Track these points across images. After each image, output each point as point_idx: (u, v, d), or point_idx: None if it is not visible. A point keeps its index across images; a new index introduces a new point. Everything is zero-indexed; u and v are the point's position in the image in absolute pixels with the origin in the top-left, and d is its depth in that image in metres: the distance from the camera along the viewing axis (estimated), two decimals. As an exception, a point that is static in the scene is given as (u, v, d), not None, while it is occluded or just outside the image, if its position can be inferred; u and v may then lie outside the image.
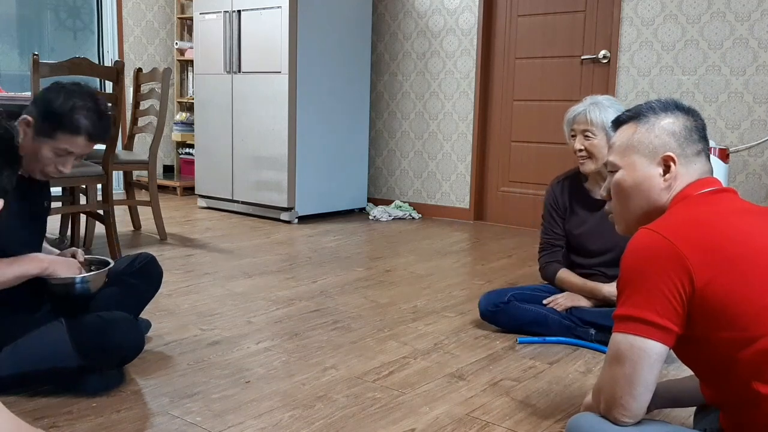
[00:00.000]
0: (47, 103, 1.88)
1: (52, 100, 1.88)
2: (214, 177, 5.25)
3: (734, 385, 1.28)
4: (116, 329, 1.91)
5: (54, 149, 1.90)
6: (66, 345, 1.85)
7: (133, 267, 2.26)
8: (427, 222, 5.13)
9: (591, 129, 2.46)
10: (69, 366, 1.87)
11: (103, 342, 1.88)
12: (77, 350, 1.85)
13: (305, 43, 4.74)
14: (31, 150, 1.90)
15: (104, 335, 1.89)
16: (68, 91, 1.92)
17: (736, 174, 4.04)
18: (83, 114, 1.91)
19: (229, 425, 1.80)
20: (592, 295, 2.54)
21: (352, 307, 2.91)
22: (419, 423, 1.85)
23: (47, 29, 5.92)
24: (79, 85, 1.97)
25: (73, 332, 1.86)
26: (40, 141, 1.89)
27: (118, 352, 1.94)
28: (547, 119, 4.74)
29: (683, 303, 1.26)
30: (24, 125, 1.88)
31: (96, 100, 1.96)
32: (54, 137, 1.89)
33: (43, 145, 1.89)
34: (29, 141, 1.88)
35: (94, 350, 1.87)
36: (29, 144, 1.88)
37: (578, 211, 2.63)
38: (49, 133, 1.89)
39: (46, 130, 1.88)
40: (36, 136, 1.89)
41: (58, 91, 1.92)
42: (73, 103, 1.89)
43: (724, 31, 4.03)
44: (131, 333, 1.96)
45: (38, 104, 1.90)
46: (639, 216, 1.46)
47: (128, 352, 1.98)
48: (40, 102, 1.90)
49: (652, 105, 1.48)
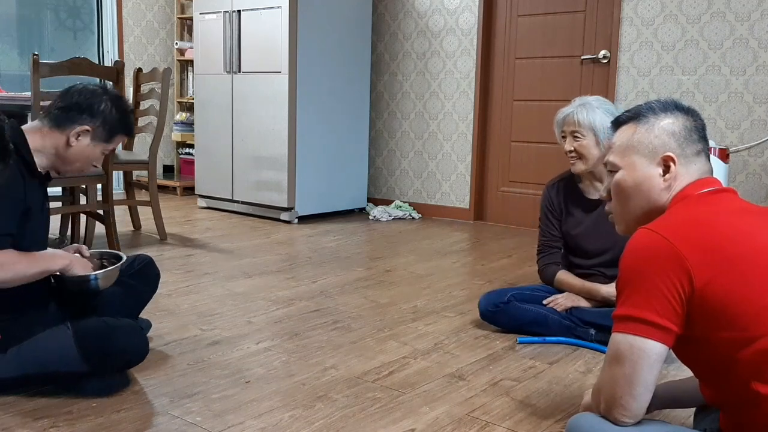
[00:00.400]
0: (102, 113, 2.03)
1: (105, 109, 2.04)
2: (214, 177, 5.25)
3: (734, 385, 1.28)
4: (121, 335, 1.93)
5: (104, 150, 2.08)
6: (71, 349, 1.87)
7: (133, 268, 2.31)
8: (427, 222, 5.13)
9: (579, 130, 2.47)
10: (73, 370, 1.89)
11: (108, 347, 1.90)
12: (81, 355, 1.87)
13: (305, 43, 4.74)
14: (84, 154, 2.03)
15: (109, 340, 1.91)
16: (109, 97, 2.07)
17: (736, 174, 4.04)
18: (129, 117, 2.12)
19: (229, 425, 1.80)
20: (591, 296, 2.54)
21: (352, 307, 2.91)
22: (419, 423, 1.85)
23: (47, 29, 5.92)
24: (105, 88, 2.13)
25: (78, 337, 1.88)
26: (96, 144, 2.05)
27: (122, 357, 1.96)
28: (547, 119, 4.74)
29: (683, 303, 1.26)
30: (78, 134, 1.99)
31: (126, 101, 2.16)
32: (110, 140, 2.07)
33: (99, 147, 2.06)
34: (83, 146, 2.01)
35: (98, 355, 1.89)
36: (83, 148, 2.02)
37: (574, 212, 2.64)
38: (107, 137, 2.06)
39: (104, 134, 2.04)
40: (93, 141, 2.03)
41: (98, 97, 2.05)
42: (121, 107, 2.08)
43: (724, 31, 4.03)
44: (135, 339, 1.97)
45: (92, 113, 2.02)
46: (639, 216, 1.46)
47: (132, 358, 2.00)
48: (92, 110, 2.03)
49: (652, 105, 1.48)
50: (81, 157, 2.03)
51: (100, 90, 2.07)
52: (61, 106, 2.01)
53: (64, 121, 1.99)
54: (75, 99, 2.03)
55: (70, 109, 2.01)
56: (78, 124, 1.99)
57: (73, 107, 2.01)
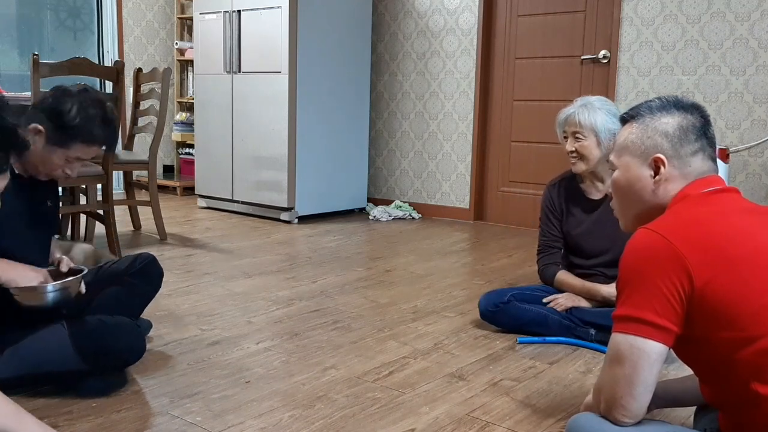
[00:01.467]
0: (59, 114, 1.88)
1: (64, 111, 1.89)
2: (214, 177, 5.25)
3: (734, 385, 1.28)
4: (118, 334, 1.92)
5: (66, 157, 1.92)
6: (67, 349, 1.86)
7: (134, 267, 2.26)
8: (427, 222, 5.13)
9: (581, 131, 2.47)
10: (70, 369, 1.88)
11: (105, 346, 1.89)
12: (79, 354, 1.86)
13: (305, 43, 4.74)
14: (41, 156, 1.91)
15: (106, 340, 1.89)
16: (80, 100, 1.92)
17: (736, 174, 4.04)
18: (97, 124, 1.93)
19: (229, 425, 1.80)
20: (591, 296, 2.54)
21: (352, 307, 2.91)
22: (419, 423, 1.85)
23: (47, 29, 5.92)
24: (86, 90, 1.98)
25: (75, 336, 1.87)
26: (51, 149, 1.90)
27: (119, 356, 1.95)
28: (547, 119, 4.74)
29: (683, 303, 1.26)
30: (34, 133, 1.89)
31: (104, 108, 1.98)
32: (68, 146, 1.91)
33: (55, 152, 1.91)
34: (39, 148, 1.89)
35: (95, 354, 1.88)
36: (39, 150, 1.90)
37: (575, 212, 2.63)
38: (62, 142, 1.90)
39: (59, 139, 1.89)
40: (47, 144, 1.90)
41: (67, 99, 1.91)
42: (86, 114, 1.90)
43: (724, 31, 4.03)
44: (133, 338, 1.96)
45: (48, 113, 1.89)
46: (636, 214, 1.46)
47: (129, 357, 1.98)
48: (51, 111, 1.90)
49: (650, 105, 1.47)
50: (35, 159, 1.89)
51: (77, 92, 1.94)
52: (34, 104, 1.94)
53: (27, 119, 1.88)
54: (47, 97, 1.92)
55: (36, 107, 1.92)
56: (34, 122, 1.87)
57: (38, 105, 1.92)
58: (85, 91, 1.97)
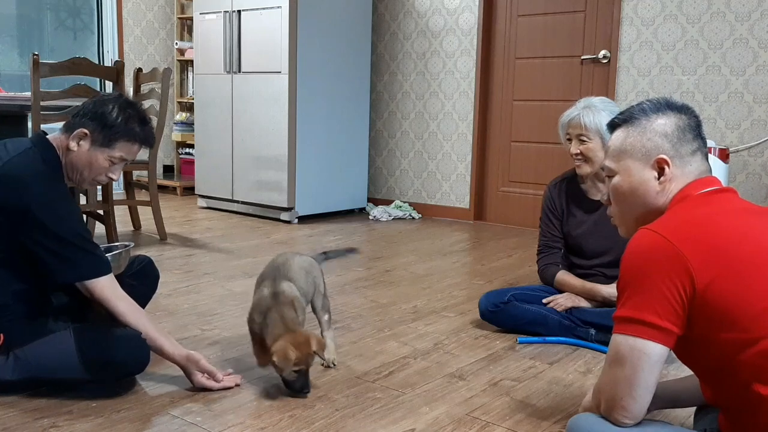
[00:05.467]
0: (102, 115, 1.98)
1: (106, 112, 1.99)
2: (214, 177, 5.25)
3: (735, 387, 1.27)
4: (123, 345, 1.92)
5: (110, 158, 2.00)
6: (72, 357, 1.87)
7: (133, 269, 2.33)
8: (427, 222, 5.13)
9: (585, 133, 2.46)
10: (73, 377, 1.90)
11: (109, 357, 1.90)
12: (83, 363, 1.88)
13: (305, 43, 4.74)
14: (86, 160, 1.98)
15: (110, 351, 1.90)
16: (118, 103, 2.02)
17: (736, 174, 4.04)
18: (137, 123, 2.03)
19: (229, 425, 1.80)
20: (591, 296, 2.54)
21: (352, 307, 2.91)
22: (419, 423, 1.85)
23: (47, 29, 5.92)
24: (121, 96, 2.09)
25: (80, 345, 1.89)
26: (97, 151, 1.98)
27: (123, 368, 1.96)
28: (547, 119, 4.74)
29: (684, 304, 1.26)
30: (78, 137, 1.96)
31: (140, 109, 2.09)
32: (112, 146, 1.99)
33: (100, 154, 1.99)
34: (84, 152, 1.97)
35: (99, 364, 1.90)
36: (84, 154, 1.97)
37: (576, 213, 2.63)
38: (107, 142, 1.98)
39: (104, 140, 1.98)
40: (92, 147, 1.98)
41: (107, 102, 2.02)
42: (126, 114, 2.01)
43: (724, 31, 4.03)
44: (137, 350, 1.96)
45: (92, 116, 1.99)
46: (638, 218, 1.46)
47: (133, 368, 1.99)
48: (94, 114, 1.99)
49: (644, 107, 1.47)
50: (82, 164, 1.98)
51: (113, 97, 2.05)
52: (74, 113, 2.02)
53: (70, 126, 1.98)
54: (87, 105, 2.02)
55: (77, 115, 2.00)
56: (79, 128, 1.97)
57: (79, 112, 2.01)
58: (120, 96, 2.08)
